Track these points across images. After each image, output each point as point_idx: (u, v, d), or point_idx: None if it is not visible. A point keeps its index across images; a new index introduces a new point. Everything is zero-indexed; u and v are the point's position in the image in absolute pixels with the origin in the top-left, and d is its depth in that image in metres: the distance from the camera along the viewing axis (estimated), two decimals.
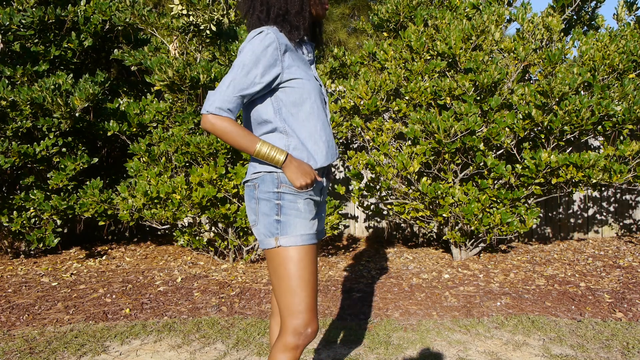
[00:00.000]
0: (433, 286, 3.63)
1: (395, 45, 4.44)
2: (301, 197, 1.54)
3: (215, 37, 4.31)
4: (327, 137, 1.60)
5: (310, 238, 1.53)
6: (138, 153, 4.17)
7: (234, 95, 1.45)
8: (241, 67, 1.45)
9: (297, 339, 1.48)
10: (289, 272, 1.49)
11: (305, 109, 1.54)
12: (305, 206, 1.54)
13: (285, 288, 1.49)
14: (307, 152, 1.55)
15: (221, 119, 1.45)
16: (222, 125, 1.45)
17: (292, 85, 1.52)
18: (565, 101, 3.78)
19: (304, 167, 1.51)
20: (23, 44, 4.47)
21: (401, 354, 2.54)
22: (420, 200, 4.05)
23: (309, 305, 1.50)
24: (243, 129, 1.47)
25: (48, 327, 2.94)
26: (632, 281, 3.69)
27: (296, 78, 1.52)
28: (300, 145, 1.54)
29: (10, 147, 4.01)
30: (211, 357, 2.53)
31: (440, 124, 3.75)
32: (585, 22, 5.06)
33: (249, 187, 1.58)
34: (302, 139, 1.54)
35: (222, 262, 4.30)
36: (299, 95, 1.52)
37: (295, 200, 1.54)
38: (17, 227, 4.21)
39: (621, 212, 5.35)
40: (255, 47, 1.46)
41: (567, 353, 2.52)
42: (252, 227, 1.59)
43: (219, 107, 1.44)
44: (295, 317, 1.49)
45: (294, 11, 1.53)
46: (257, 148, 1.46)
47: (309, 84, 1.55)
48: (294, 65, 1.52)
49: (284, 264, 1.50)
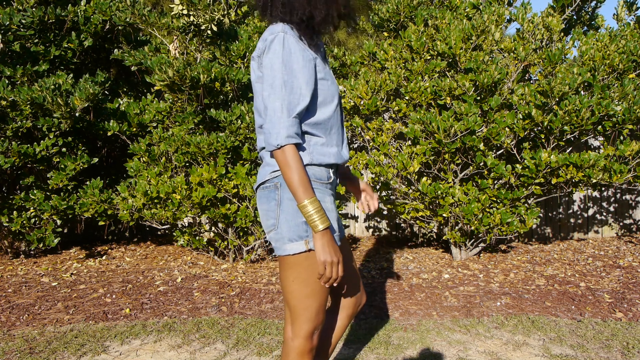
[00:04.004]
0: (433, 286, 3.63)
1: (396, 45, 4.44)
2: (327, 194, 1.46)
3: (215, 37, 4.31)
4: (344, 137, 1.59)
5: (339, 238, 1.50)
6: (138, 153, 4.17)
7: (294, 118, 1.37)
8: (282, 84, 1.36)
9: (313, 341, 1.48)
10: (316, 275, 1.42)
11: (330, 106, 1.50)
12: (331, 205, 1.47)
13: (310, 293, 1.43)
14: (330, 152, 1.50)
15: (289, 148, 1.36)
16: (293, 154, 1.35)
17: (324, 83, 1.48)
18: (565, 101, 3.78)
19: (335, 246, 1.38)
20: (23, 44, 4.47)
21: (401, 354, 2.54)
22: (420, 200, 4.05)
23: (325, 306, 1.51)
24: (305, 173, 1.36)
25: (48, 327, 2.94)
26: (632, 281, 3.69)
27: (323, 79, 1.47)
28: (324, 143, 1.49)
29: (10, 147, 4.02)
30: (211, 357, 2.53)
31: (440, 124, 3.75)
32: (585, 22, 5.06)
33: (267, 188, 1.46)
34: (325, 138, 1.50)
35: (222, 262, 4.30)
36: (330, 92, 1.49)
37: (324, 199, 1.45)
38: (17, 227, 4.21)
39: (621, 212, 5.35)
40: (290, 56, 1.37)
41: (567, 353, 2.52)
42: (270, 232, 1.46)
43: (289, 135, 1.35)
44: (313, 321, 1.46)
45: (320, 18, 1.42)
46: (306, 202, 1.34)
47: (334, 86, 1.51)
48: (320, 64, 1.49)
49: (311, 268, 1.42)
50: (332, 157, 1.48)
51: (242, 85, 4.29)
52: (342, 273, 1.38)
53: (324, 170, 1.47)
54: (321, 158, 1.45)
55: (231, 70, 4.10)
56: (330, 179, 1.49)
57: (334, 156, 1.49)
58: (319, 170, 1.45)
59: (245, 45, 4.37)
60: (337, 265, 1.37)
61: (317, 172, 1.45)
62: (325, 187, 1.46)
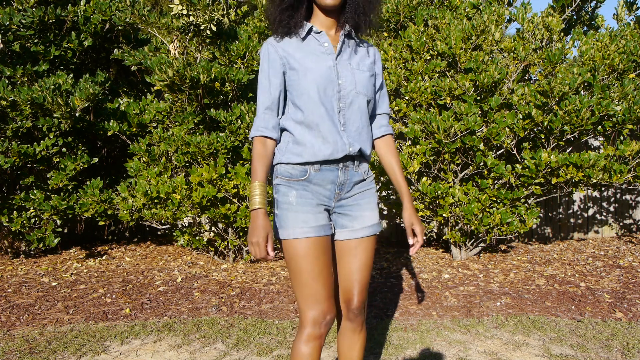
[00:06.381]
0: (433, 286, 3.63)
1: (396, 45, 4.44)
2: (294, 189, 1.56)
3: (215, 37, 4.31)
4: (341, 129, 1.58)
5: (309, 231, 1.53)
6: (138, 153, 4.16)
7: (263, 112, 1.59)
8: (260, 87, 1.61)
9: (317, 329, 1.52)
10: (298, 265, 1.53)
11: (311, 99, 1.56)
12: (298, 199, 1.56)
13: (298, 281, 1.53)
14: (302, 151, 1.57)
15: (255, 140, 1.59)
16: (254, 146, 1.60)
17: (296, 77, 1.57)
18: (565, 101, 3.78)
19: (254, 228, 1.49)
20: (23, 44, 4.46)
21: (401, 354, 2.54)
22: (420, 200, 4.05)
23: (324, 295, 1.53)
24: (260, 159, 1.56)
25: (48, 327, 2.94)
26: (632, 281, 3.69)
27: (292, 69, 1.57)
28: (299, 142, 1.58)
29: (10, 147, 4.01)
30: (211, 357, 2.53)
31: (440, 124, 3.75)
32: (585, 22, 5.06)
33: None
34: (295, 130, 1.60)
35: (222, 262, 4.30)
36: (303, 85, 1.56)
37: (287, 193, 1.57)
38: (17, 227, 4.21)
39: (621, 212, 5.35)
40: (261, 63, 1.63)
41: (567, 353, 2.52)
42: None
43: (255, 129, 1.58)
44: (312, 309, 1.52)
45: (277, 21, 1.60)
46: (250, 184, 1.54)
47: (312, 74, 1.55)
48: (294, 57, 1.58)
49: (290, 257, 1.54)
50: (303, 157, 1.55)
51: (242, 85, 4.29)
52: (261, 255, 1.48)
53: (292, 167, 1.57)
54: (290, 157, 1.57)
55: (231, 70, 4.10)
56: (303, 177, 1.57)
57: (310, 155, 1.55)
58: (285, 168, 1.58)
59: (245, 45, 4.37)
60: (255, 245, 1.48)
61: (282, 170, 1.59)
62: (290, 183, 1.57)
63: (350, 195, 1.65)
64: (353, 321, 1.67)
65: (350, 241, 1.65)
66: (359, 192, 1.66)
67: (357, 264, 1.65)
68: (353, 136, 1.60)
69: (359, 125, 1.62)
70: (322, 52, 1.59)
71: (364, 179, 1.67)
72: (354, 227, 1.65)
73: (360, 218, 1.65)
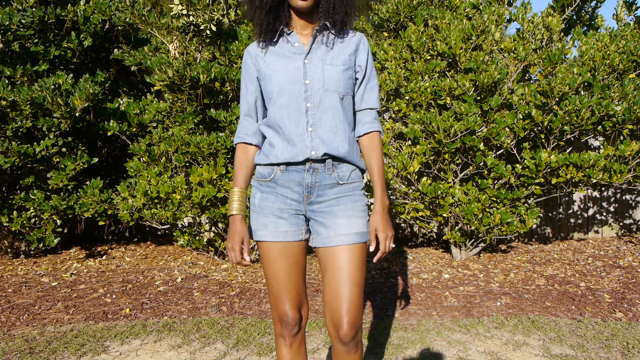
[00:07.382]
0: (433, 286, 3.63)
1: (396, 45, 4.44)
2: (259, 191, 1.59)
3: (215, 37, 4.31)
4: (304, 130, 1.52)
5: (265, 235, 1.56)
6: (138, 153, 4.16)
7: (243, 119, 1.65)
8: (240, 94, 1.68)
9: (278, 327, 1.59)
10: (264, 264, 1.60)
11: (276, 102, 1.57)
12: (261, 202, 1.58)
13: (266, 279, 1.61)
14: (270, 152, 1.58)
15: (237, 147, 1.66)
16: (235, 153, 1.65)
17: (264, 81, 1.59)
18: (565, 101, 3.78)
19: (231, 233, 1.54)
20: (23, 44, 4.46)
21: (401, 354, 2.54)
22: (420, 200, 4.05)
23: (281, 298, 1.57)
24: (241, 166, 1.62)
25: (48, 327, 2.94)
26: (632, 281, 3.69)
27: (264, 73, 1.58)
28: (271, 144, 1.59)
29: (10, 147, 4.01)
30: (211, 357, 2.53)
31: (440, 124, 3.75)
32: (585, 22, 5.06)
33: None
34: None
35: (222, 262, 4.30)
36: (269, 89, 1.57)
37: (254, 195, 1.61)
38: (17, 227, 4.21)
39: (621, 212, 5.35)
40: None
41: (567, 353, 2.52)
42: None
43: (236, 136, 1.65)
44: (274, 309, 1.60)
45: (264, 25, 1.59)
46: (230, 190, 1.63)
47: (277, 76, 1.55)
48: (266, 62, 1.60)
49: (260, 256, 1.62)
50: (269, 158, 1.56)
51: None
52: (237, 259, 1.52)
53: (263, 168, 1.60)
54: (260, 158, 1.60)
55: (231, 70, 4.10)
56: (269, 177, 1.58)
57: (274, 157, 1.55)
58: (258, 169, 1.63)
59: (245, 45, 4.37)
60: (230, 250, 1.53)
61: (257, 171, 1.64)
62: (259, 184, 1.60)
63: (322, 201, 1.54)
64: (345, 344, 1.49)
65: (328, 250, 1.51)
66: (335, 197, 1.54)
67: (341, 277, 1.48)
68: (325, 137, 1.51)
69: (332, 125, 1.51)
70: (293, 52, 1.55)
71: (340, 183, 1.54)
72: (328, 234, 1.51)
73: (334, 226, 1.51)
